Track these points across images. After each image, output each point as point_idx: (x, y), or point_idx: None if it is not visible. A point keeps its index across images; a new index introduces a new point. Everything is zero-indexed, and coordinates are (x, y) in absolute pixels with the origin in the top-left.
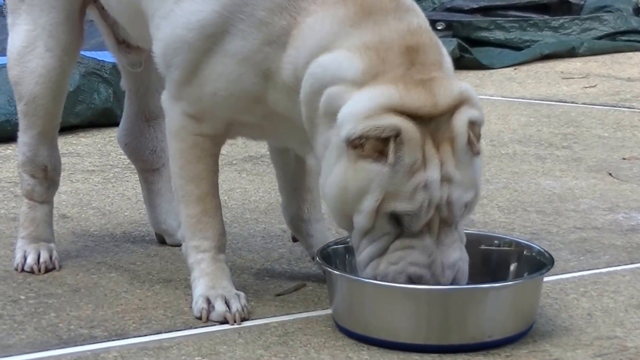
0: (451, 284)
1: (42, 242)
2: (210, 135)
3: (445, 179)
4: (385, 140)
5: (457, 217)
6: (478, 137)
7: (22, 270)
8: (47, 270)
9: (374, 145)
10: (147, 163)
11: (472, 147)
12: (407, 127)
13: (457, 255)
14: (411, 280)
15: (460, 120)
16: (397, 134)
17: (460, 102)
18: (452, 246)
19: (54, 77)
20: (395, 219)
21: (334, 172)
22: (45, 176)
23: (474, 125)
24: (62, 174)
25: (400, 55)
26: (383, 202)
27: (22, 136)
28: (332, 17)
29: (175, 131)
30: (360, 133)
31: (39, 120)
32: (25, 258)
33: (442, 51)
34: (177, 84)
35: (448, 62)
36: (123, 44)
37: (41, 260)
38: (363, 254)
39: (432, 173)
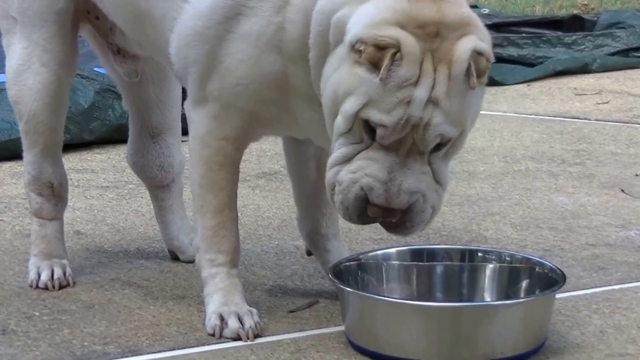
0: (404, 215)
1: (54, 259)
2: (234, 139)
3: (432, 101)
4: (382, 50)
5: (429, 144)
6: (482, 71)
7: (37, 287)
8: (61, 287)
9: (371, 54)
10: (156, 180)
11: (470, 78)
12: (408, 41)
13: (420, 185)
14: (362, 190)
15: (464, 47)
16: (397, 48)
17: (468, 28)
18: (418, 175)
19: (51, 91)
20: (370, 127)
21: (333, 77)
22: (52, 193)
23: (478, 57)
24: (76, 191)
25: None
26: (363, 107)
27: (26, 155)
28: None
29: (201, 137)
30: (362, 37)
31: (40, 137)
32: (39, 275)
33: None
34: (197, 84)
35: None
36: (119, 54)
37: (55, 276)
38: (331, 158)
39: (421, 92)
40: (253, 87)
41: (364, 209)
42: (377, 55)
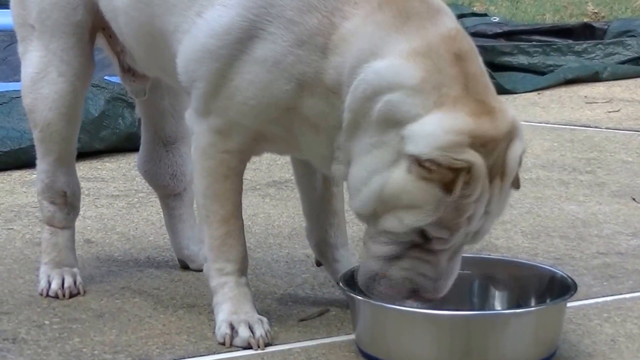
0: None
1: (65, 267)
2: (237, 152)
3: (486, 212)
4: (455, 171)
5: (476, 244)
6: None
7: (47, 295)
8: (71, 296)
9: (443, 175)
10: (168, 188)
11: (516, 182)
12: (479, 163)
13: (457, 272)
14: (413, 286)
15: (514, 156)
16: (468, 170)
17: (514, 134)
18: (456, 265)
19: (67, 102)
20: (426, 235)
21: (385, 174)
22: (65, 202)
23: (521, 157)
24: (87, 199)
25: (451, 64)
26: (429, 223)
27: (40, 164)
28: (373, 22)
29: (203, 149)
30: (434, 158)
31: (55, 146)
32: (49, 283)
33: (478, 53)
34: (203, 98)
35: (482, 63)
36: (128, 72)
37: (65, 285)
38: (375, 247)
39: (480, 208)
40: (259, 109)
41: (407, 298)
42: (450, 176)
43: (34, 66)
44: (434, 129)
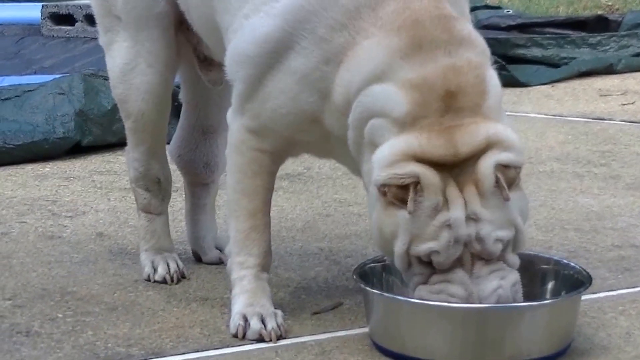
0: None
1: (165, 253)
2: (270, 152)
3: (472, 217)
4: (405, 188)
5: (493, 253)
6: (511, 180)
7: (154, 280)
8: (178, 280)
9: (395, 193)
10: (199, 177)
11: (502, 191)
12: (426, 173)
13: (493, 284)
14: None
15: (485, 164)
16: (416, 181)
17: (487, 147)
18: (487, 277)
19: (158, 92)
20: (425, 262)
21: (374, 214)
22: (159, 188)
23: (505, 169)
24: (99, 192)
25: (439, 99)
26: (411, 245)
27: (133, 152)
28: (386, 45)
29: (236, 145)
30: (383, 181)
31: (148, 135)
32: (154, 269)
33: (487, 88)
34: (240, 98)
35: (492, 99)
36: (205, 62)
37: (172, 270)
38: (406, 279)
39: (455, 212)
40: (289, 118)
41: None
42: (400, 192)
43: (123, 57)
44: (383, 152)
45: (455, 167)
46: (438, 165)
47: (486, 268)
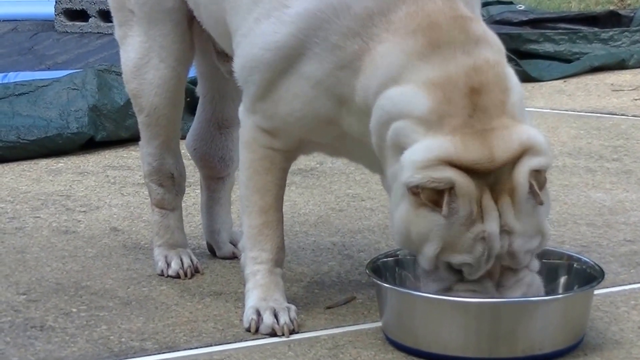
0: None
1: (179, 248)
2: (282, 150)
3: (506, 230)
4: (440, 192)
5: (522, 264)
6: (542, 184)
7: (168, 275)
8: (192, 275)
9: (429, 196)
10: (214, 170)
11: (535, 197)
12: (462, 181)
13: (518, 294)
14: None
15: (521, 172)
16: (451, 187)
17: (522, 152)
18: (512, 288)
19: (171, 87)
20: (454, 269)
21: (399, 210)
22: (173, 183)
23: (537, 174)
24: (112, 187)
25: (464, 96)
26: (442, 251)
27: (146, 147)
28: (401, 48)
29: (247, 142)
30: (417, 182)
31: (162, 130)
32: (168, 264)
33: (509, 85)
34: (252, 99)
35: (515, 96)
36: (221, 53)
37: (185, 265)
38: (427, 285)
39: (490, 225)
40: (304, 121)
41: None
42: (435, 195)
43: (136, 51)
44: (418, 154)
45: (489, 174)
46: (473, 170)
47: (513, 278)
